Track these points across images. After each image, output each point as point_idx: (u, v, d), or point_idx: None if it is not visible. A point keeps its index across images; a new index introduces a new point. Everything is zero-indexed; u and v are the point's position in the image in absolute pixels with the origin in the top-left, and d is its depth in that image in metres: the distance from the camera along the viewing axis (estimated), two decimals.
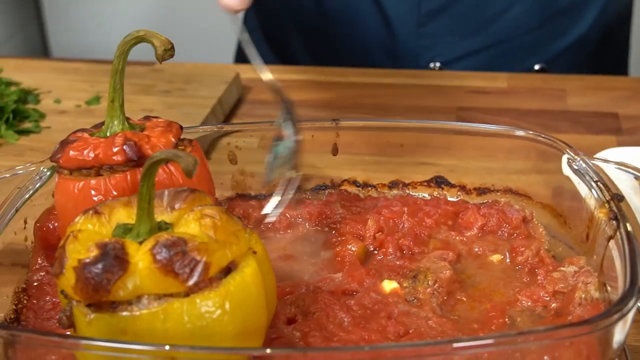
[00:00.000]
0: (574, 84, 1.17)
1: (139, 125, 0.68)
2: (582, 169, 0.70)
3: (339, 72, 1.25)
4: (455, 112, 1.12)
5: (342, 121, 0.81)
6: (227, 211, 0.57)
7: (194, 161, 0.53)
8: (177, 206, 0.57)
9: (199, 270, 0.52)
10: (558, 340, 0.53)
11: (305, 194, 0.83)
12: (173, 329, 0.52)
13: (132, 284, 0.52)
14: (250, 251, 0.56)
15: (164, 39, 0.64)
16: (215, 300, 0.53)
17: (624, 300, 0.53)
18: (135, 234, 0.55)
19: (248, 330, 0.55)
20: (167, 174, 0.65)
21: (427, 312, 0.64)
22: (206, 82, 1.15)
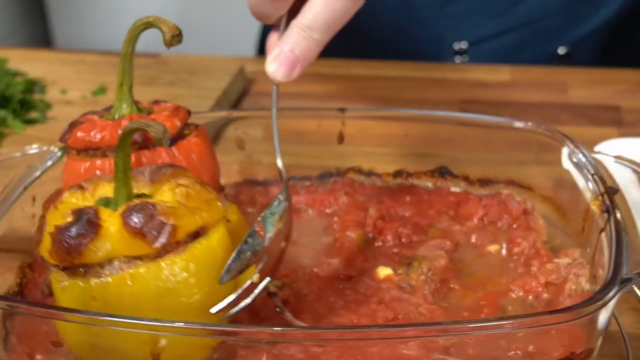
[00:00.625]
0: (576, 77, 1.18)
1: (147, 109, 0.70)
2: (580, 162, 0.70)
3: (342, 64, 1.26)
4: (458, 105, 1.12)
5: (348, 110, 0.82)
6: (203, 183, 0.59)
7: (163, 129, 0.55)
8: (157, 180, 0.60)
9: (166, 233, 0.54)
10: (537, 327, 0.53)
11: (311, 180, 0.83)
12: (141, 292, 0.54)
13: (103, 247, 0.54)
14: (223, 219, 0.58)
15: (172, 25, 0.66)
16: (181, 263, 0.55)
17: (604, 289, 0.54)
18: (113, 205, 0.57)
19: (214, 295, 0.56)
20: (170, 158, 0.66)
21: (418, 298, 0.65)
22: (211, 74, 1.16)
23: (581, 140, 1.00)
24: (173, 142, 0.68)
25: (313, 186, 0.82)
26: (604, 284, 0.54)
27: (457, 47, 1.26)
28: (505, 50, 1.26)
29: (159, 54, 1.24)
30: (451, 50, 1.26)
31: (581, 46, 1.27)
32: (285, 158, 0.86)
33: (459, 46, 1.26)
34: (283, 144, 0.91)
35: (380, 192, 0.80)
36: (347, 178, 0.83)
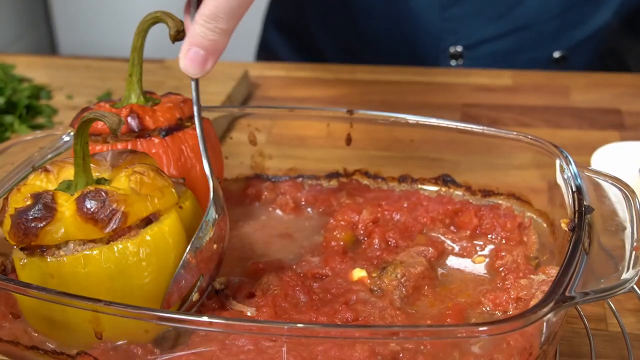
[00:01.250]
0: (577, 81, 1.19)
1: (154, 100, 0.73)
2: (568, 177, 0.69)
3: (346, 69, 1.27)
4: (461, 109, 1.13)
5: (356, 112, 0.83)
6: (159, 169, 0.63)
7: (118, 120, 0.59)
8: (118, 164, 0.63)
9: (117, 219, 0.58)
10: (476, 338, 0.54)
11: (318, 179, 0.84)
12: (94, 273, 0.58)
13: (59, 230, 0.58)
14: (175, 206, 0.62)
15: (178, 20, 0.68)
16: (133, 247, 0.58)
17: (537, 306, 0.54)
18: (73, 189, 0.61)
19: (164, 278, 0.60)
20: (163, 147, 0.70)
21: (385, 303, 0.65)
22: (215, 79, 1.16)
23: (582, 144, 1.02)
24: (168, 133, 0.71)
25: (319, 185, 0.83)
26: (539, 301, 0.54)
27: (453, 50, 1.27)
28: (500, 54, 1.27)
29: (164, 60, 1.25)
30: (447, 54, 1.27)
31: (577, 50, 1.27)
32: (290, 161, 0.87)
33: (454, 49, 1.27)
34: (288, 148, 0.92)
35: (382, 196, 0.80)
36: (353, 180, 0.84)
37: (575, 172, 0.68)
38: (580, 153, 0.98)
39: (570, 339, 0.71)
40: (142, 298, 0.59)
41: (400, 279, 0.67)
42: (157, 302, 0.61)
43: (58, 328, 0.59)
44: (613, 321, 0.72)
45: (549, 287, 0.55)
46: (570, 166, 0.69)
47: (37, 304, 0.58)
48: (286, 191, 0.81)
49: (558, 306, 0.54)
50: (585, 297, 0.55)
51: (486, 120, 1.10)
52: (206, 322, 0.55)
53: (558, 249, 0.70)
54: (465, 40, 1.27)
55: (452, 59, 1.28)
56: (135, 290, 0.59)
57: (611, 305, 0.73)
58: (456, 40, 1.27)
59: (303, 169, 0.87)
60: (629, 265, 0.59)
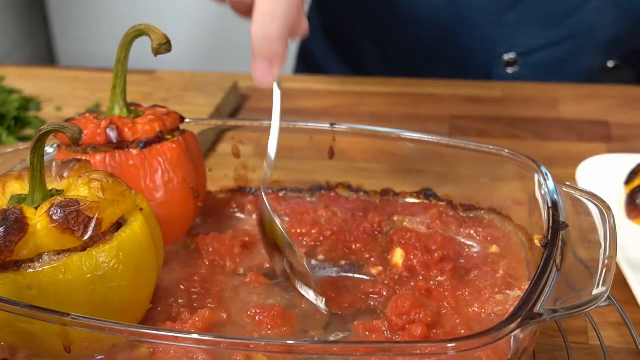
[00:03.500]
0: (567, 93, 1.19)
1: (138, 112, 0.74)
2: (544, 193, 0.68)
3: (336, 80, 1.27)
4: (449, 121, 1.13)
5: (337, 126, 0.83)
6: (113, 174, 0.64)
7: (78, 131, 0.59)
8: (66, 175, 0.64)
9: (92, 226, 0.59)
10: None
11: (301, 192, 0.85)
12: (74, 280, 0.58)
13: (32, 244, 0.58)
14: (137, 208, 0.64)
15: (160, 33, 0.69)
16: (110, 251, 0.59)
17: (503, 322, 0.53)
18: (30, 202, 0.61)
19: (141, 278, 0.62)
20: (140, 159, 0.71)
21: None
22: (204, 90, 1.17)
23: (569, 156, 1.02)
24: (146, 145, 0.71)
25: (301, 198, 0.83)
26: (505, 318, 0.54)
27: (507, 57, 1.26)
28: (555, 61, 1.26)
29: (154, 71, 1.25)
30: (501, 61, 1.27)
31: (630, 60, 1.27)
32: (277, 173, 0.87)
33: (508, 57, 1.26)
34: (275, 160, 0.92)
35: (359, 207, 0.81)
36: (334, 193, 0.84)
37: (552, 187, 0.68)
38: (567, 165, 0.98)
39: (551, 352, 0.71)
40: (121, 300, 0.60)
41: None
42: (136, 304, 0.62)
43: (28, 341, 0.58)
44: (594, 334, 0.72)
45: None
46: (548, 182, 0.69)
47: (6, 316, 0.58)
48: None
49: (525, 323, 0.54)
50: (554, 314, 0.55)
51: (474, 132, 1.10)
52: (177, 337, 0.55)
53: (535, 264, 0.69)
54: (520, 48, 1.26)
55: (507, 66, 1.27)
56: (115, 292, 0.60)
57: (591, 319, 0.73)
58: (510, 47, 1.26)
59: (288, 181, 0.87)
60: (600, 281, 0.59)
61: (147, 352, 0.58)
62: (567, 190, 0.69)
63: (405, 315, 0.63)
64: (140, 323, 0.64)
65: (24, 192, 0.63)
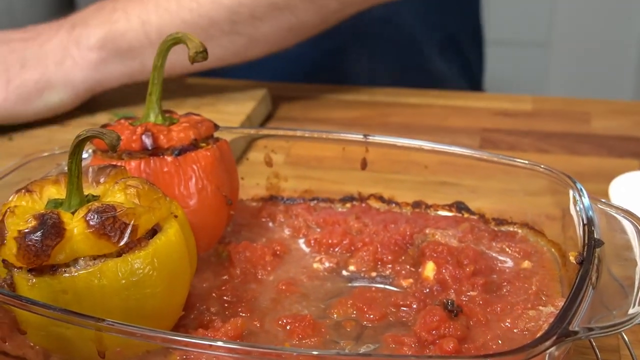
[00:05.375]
0: (598, 108, 1.18)
1: (172, 119, 0.75)
2: (579, 209, 0.68)
3: (365, 90, 1.27)
4: (480, 133, 1.13)
5: (371, 137, 0.83)
6: (148, 181, 0.64)
7: (116, 137, 0.60)
8: (102, 180, 0.65)
9: (128, 232, 0.59)
10: None
11: (332, 202, 0.85)
12: (109, 285, 0.59)
13: (69, 248, 0.58)
14: (172, 215, 0.64)
15: (197, 41, 0.69)
16: (145, 257, 0.60)
17: (539, 340, 0.53)
18: (67, 206, 0.62)
19: (174, 285, 0.62)
20: (175, 166, 0.71)
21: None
22: (235, 99, 1.17)
23: (600, 172, 1.01)
24: (181, 153, 0.72)
25: (332, 208, 0.84)
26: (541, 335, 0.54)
27: None
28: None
29: (185, 78, 1.26)
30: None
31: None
32: (307, 182, 0.88)
33: None
34: (305, 169, 0.93)
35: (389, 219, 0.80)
36: (365, 204, 0.84)
37: (588, 204, 0.67)
38: (598, 181, 0.98)
39: None
40: (154, 307, 0.61)
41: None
42: (168, 310, 0.63)
43: (61, 345, 0.59)
44: (626, 352, 0.71)
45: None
46: (583, 198, 0.68)
47: (41, 320, 0.58)
48: (299, 214, 0.81)
49: (560, 340, 0.53)
50: (589, 332, 0.55)
51: (505, 146, 1.10)
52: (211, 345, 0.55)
53: (568, 281, 0.69)
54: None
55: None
56: (149, 298, 0.60)
57: (624, 337, 0.72)
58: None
59: (318, 191, 0.87)
60: (636, 301, 0.58)
61: (179, 359, 0.58)
62: (602, 207, 0.69)
63: (434, 330, 0.63)
64: (172, 330, 0.65)
65: (61, 197, 0.63)
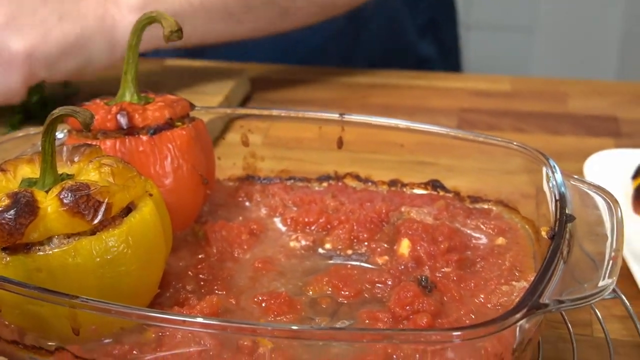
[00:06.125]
0: (575, 88, 1.19)
1: (148, 99, 0.74)
2: (552, 185, 0.68)
3: (344, 72, 1.28)
4: (458, 114, 1.14)
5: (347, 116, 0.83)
6: (122, 159, 0.64)
7: (90, 115, 0.60)
8: (76, 159, 0.65)
9: (102, 210, 0.59)
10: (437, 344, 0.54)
11: (309, 182, 0.85)
12: (83, 263, 0.59)
13: (42, 226, 0.58)
14: (146, 194, 0.64)
15: (172, 20, 0.69)
16: (119, 236, 0.60)
17: (509, 313, 0.53)
18: (40, 185, 0.62)
19: (149, 264, 0.63)
20: (150, 145, 0.71)
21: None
22: (214, 80, 1.17)
23: (578, 151, 1.02)
24: (156, 132, 0.71)
25: (308, 188, 0.84)
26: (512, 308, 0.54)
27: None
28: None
29: (163, 59, 1.26)
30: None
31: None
32: (285, 163, 0.88)
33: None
34: (283, 150, 0.93)
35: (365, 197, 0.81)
36: (341, 183, 0.84)
37: (560, 180, 0.68)
38: (575, 160, 0.98)
39: (555, 343, 0.71)
40: (129, 285, 0.61)
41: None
42: (144, 288, 0.63)
43: (36, 323, 0.59)
44: (598, 327, 0.72)
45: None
46: (556, 174, 0.69)
47: (16, 299, 0.58)
48: (275, 193, 0.82)
49: (531, 313, 0.54)
50: (560, 305, 0.55)
51: (483, 126, 1.10)
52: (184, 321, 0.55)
53: (541, 256, 0.69)
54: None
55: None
56: (123, 276, 0.60)
57: (596, 312, 0.73)
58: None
59: (296, 171, 0.87)
60: (605, 274, 0.59)
61: (154, 336, 0.58)
62: (575, 183, 0.69)
63: (408, 306, 0.63)
64: (149, 307, 0.65)
65: (35, 176, 0.63)
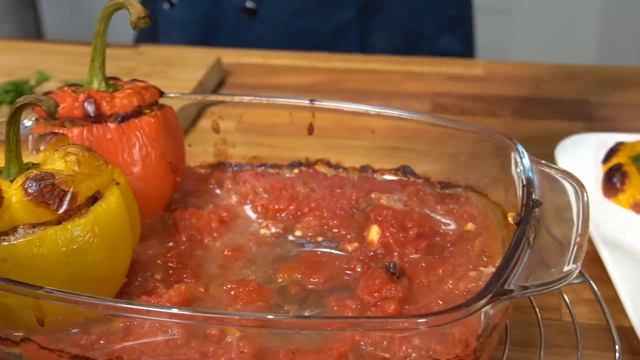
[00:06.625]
0: (549, 72, 1.19)
1: (116, 86, 0.74)
2: (520, 170, 0.68)
3: (321, 57, 1.27)
4: (431, 98, 1.14)
5: (317, 102, 0.83)
6: (89, 148, 0.64)
7: (54, 103, 0.59)
8: (42, 148, 0.64)
9: (67, 200, 0.59)
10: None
11: (280, 168, 0.85)
12: (49, 253, 0.59)
13: (7, 216, 0.58)
14: (113, 182, 0.64)
15: (139, 7, 0.69)
16: (85, 225, 0.60)
17: (473, 299, 0.54)
18: (5, 175, 0.61)
19: (117, 253, 0.63)
20: (118, 133, 0.71)
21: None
22: (187, 65, 1.17)
23: (550, 135, 1.02)
24: (124, 119, 0.71)
25: (279, 174, 0.84)
26: (476, 294, 0.54)
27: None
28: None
29: (137, 45, 1.25)
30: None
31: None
32: (258, 149, 0.88)
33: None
34: (257, 136, 0.93)
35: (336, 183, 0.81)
36: (312, 169, 0.84)
37: (528, 165, 0.68)
38: (548, 144, 0.99)
39: (524, 328, 0.72)
40: (96, 274, 0.61)
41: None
42: (111, 277, 0.63)
43: (2, 313, 0.59)
44: (567, 311, 0.73)
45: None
46: (523, 159, 0.69)
47: None
48: (246, 180, 0.82)
49: (495, 299, 0.54)
50: (525, 290, 0.56)
51: (456, 110, 1.10)
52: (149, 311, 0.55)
53: (509, 241, 0.70)
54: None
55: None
56: (90, 266, 0.60)
57: (564, 296, 0.73)
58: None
59: (270, 157, 0.87)
60: (571, 259, 0.59)
61: (122, 326, 0.58)
62: (543, 168, 0.69)
63: (376, 292, 0.64)
64: (116, 297, 0.65)
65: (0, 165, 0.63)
